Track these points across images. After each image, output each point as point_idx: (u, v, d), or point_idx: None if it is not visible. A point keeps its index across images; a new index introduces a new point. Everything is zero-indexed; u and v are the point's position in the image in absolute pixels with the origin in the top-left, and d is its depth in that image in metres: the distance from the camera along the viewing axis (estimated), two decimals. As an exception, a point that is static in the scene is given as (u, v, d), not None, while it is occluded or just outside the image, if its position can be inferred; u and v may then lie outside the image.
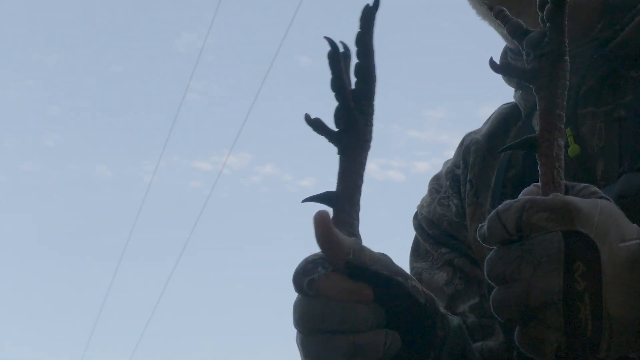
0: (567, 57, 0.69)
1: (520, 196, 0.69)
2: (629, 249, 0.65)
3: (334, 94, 0.76)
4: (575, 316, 0.64)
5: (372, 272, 0.75)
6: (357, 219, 0.77)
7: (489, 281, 0.68)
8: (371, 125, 0.77)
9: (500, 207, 0.67)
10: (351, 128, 0.76)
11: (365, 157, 0.77)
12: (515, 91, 1.08)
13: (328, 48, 0.76)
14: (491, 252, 0.68)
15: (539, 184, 0.70)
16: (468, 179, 1.04)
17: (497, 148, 1.01)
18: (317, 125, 0.77)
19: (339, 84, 0.76)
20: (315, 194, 0.77)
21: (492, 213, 0.68)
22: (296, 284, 0.76)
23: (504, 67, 0.75)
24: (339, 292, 0.73)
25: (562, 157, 0.70)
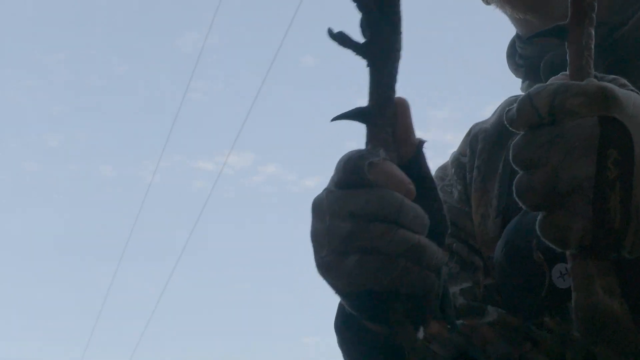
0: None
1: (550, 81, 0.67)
2: None
3: (355, 3, 0.73)
4: (605, 205, 0.62)
5: (429, 176, 0.74)
6: (391, 135, 0.73)
7: (515, 167, 0.66)
8: (399, 33, 0.73)
9: (532, 89, 0.65)
10: (378, 38, 0.72)
11: (396, 68, 0.73)
12: (523, 82, 1.06)
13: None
14: (518, 137, 0.66)
15: (567, 72, 0.68)
16: (476, 165, 1.03)
17: (505, 136, 0.99)
18: (341, 38, 0.73)
19: None
20: (345, 111, 0.74)
21: (523, 96, 0.65)
22: (352, 167, 0.70)
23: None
24: (395, 181, 0.70)
25: (592, 47, 0.68)
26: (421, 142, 0.75)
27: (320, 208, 0.72)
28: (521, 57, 1.05)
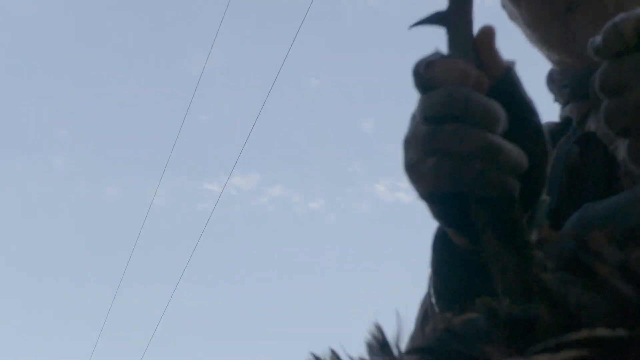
0: None
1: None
2: None
3: None
4: None
5: (522, 98, 0.71)
6: (472, 39, 0.72)
7: (601, 95, 0.65)
8: None
9: (617, 18, 0.65)
10: None
11: None
12: (563, 107, 1.06)
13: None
14: (603, 65, 0.65)
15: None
16: None
17: (554, 140, 0.98)
18: None
19: None
20: (422, 17, 0.73)
21: (607, 24, 0.65)
22: (414, 71, 0.70)
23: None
24: (455, 74, 0.69)
25: None
26: (510, 65, 0.73)
27: (413, 118, 0.72)
28: (565, 78, 1.05)
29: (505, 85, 0.72)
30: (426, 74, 0.70)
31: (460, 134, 0.67)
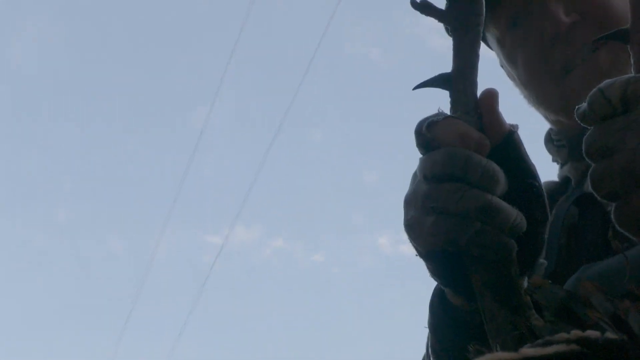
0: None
1: None
2: None
3: None
4: None
5: (523, 161, 0.72)
6: (474, 100, 0.73)
7: (588, 159, 0.65)
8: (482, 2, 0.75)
9: (602, 84, 0.66)
10: (459, 4, 0.74)
11: (479, 34, 0.74)
12: (561, 167, 1.07)
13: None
14: (590, 130, 0.66)
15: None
16: None
17: (553, 200, 0.99)
18: (424, 6, 0.74)
19: None
20: (427, 79, 0.75)
21: (593, 90, 0.65)
22: (416, 130, 0.72)
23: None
24: (456, 136, 0.70)
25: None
26: (512, 129, 0.74)
27: (413, 173, 0.73)
28: (563, 138, 1.06)
29: (507, 148, 0.73)
30: (428, 134, 0.71)
31: (459, 193, 0.68)
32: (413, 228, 0.72)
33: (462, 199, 0.68)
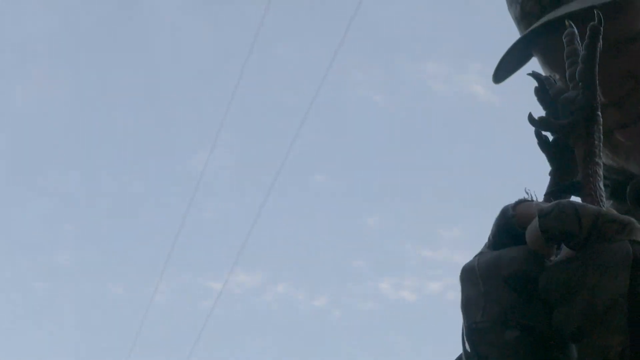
0: (599, 112, 0.73)
1: None
2: None
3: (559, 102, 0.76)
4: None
5: None
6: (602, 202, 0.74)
7: (547, 296, 0.67)
8: (597, 103, 0.75)
9: (578, 204, 0.68)
10: (579, 115, 0.74)
11: (600, 139, 0.74)
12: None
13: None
14: (549, 268, 0.67)
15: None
16: None
17: None
18: (544, 123, 0.76)
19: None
20: (559, 185, 0.77)
21: (568, 205, 0.67)
22: (500, 215, 0.73)
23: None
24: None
25: (604, 199, 0.73)
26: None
27: (472, 272, 0.71)
28: (606, 178, 1.09)
29: None
30: (513, 218, 0.71)
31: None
32: (485, 337, 0.69)
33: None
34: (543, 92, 0.78)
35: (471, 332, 0.69)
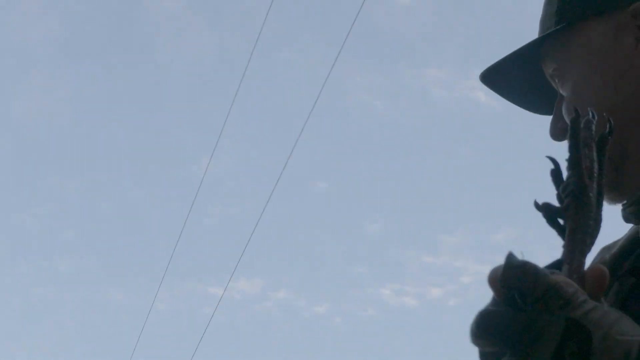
0: (590, 193, 0.79)
1: None
2: (625, 342, 0.71)
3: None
4: None
5: None
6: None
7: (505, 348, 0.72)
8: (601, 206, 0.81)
9: (542, 270, 0.74)
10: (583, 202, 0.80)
11: (589, 217, 0.80)
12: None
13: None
14: (498, 312, 0.73)
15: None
16: None
17: (617, 269, 1.05)
18: (545, 209, 0.81)
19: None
20: (548, 263, 0.80)
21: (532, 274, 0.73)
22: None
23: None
24: None
25: (583, 269, 0.77)
26: None
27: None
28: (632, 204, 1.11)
29: None
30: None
31: None
32: None
33: None
34: (557, 174, 0.82)
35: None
